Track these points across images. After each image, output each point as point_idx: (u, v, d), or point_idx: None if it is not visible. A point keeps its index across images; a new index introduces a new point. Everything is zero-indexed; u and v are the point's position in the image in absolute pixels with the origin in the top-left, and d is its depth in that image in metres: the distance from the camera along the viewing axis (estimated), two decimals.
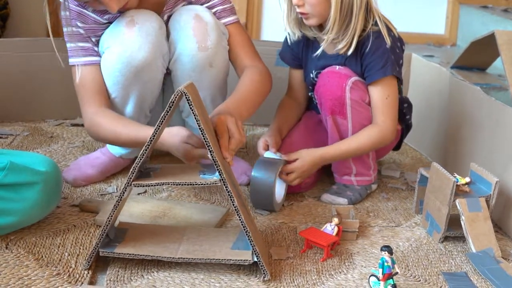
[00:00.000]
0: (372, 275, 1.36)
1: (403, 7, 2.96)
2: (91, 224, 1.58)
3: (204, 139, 1.32)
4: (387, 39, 1.71)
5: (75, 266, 1.39)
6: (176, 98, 1.30)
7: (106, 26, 1.74)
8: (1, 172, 1.41)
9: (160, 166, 1.45)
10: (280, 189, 1.74)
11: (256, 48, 1.85)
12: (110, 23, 1.74)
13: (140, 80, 1.72)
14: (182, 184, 1.36)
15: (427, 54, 2.59)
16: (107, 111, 1.70)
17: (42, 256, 1.42)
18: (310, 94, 1.92)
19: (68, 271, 1.36)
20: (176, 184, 1.37)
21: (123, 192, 1.35)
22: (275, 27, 2.12)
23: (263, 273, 1.37)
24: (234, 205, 1.35)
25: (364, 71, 1.76)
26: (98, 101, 1.72)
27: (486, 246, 1.52)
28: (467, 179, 1.63)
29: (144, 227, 1.50)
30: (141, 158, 1.33)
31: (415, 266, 1.48)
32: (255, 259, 1.37)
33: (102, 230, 1.36)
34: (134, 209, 1.63)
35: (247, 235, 1.36)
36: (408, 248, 1.56)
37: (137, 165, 1.33)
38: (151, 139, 1.32)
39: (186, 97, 1.29)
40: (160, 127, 1.31)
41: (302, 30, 1.81)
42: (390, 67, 1.73)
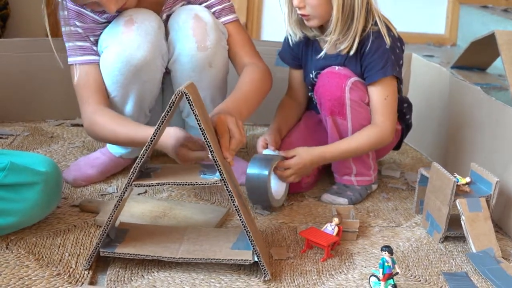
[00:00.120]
0: (373, 275, 1.36)
1: (403, 7, 2.96)
2: (91, 224, 1.58)
3: (205, 139, 1.31)
4: (387, 39, 1.71)
5: (75, 266, 1.39)
6: (176, 98, 1.30)
7: (105, 25, 1.74)
8: (1, 172, 1.41)
9: (160, 166, 1.45)
10: (279, 185, 1.73)
11: (256, 48, 1.85)
12: (109, 22, 1.74)
13: (139, 79, 1.72)
14: (183, 184, 1.36)
15: (427, 54, 2.59)
16: (106, 110, 1.70)
17: (42, 256, 1.42)
18: (310, 94, 1.92)
19: (69, 271, 1.36)
20: (177, 184, 1.36)
21: (124, 192, 1.35)
22: (275, 27, 2.12)
23: (264, 273, 1.37)
24: (234, 205, 1.35)
25: (364, 71, 1.76)
26: (97, 99, 1.71)
27: (486, 246, 1.52)
28: (468, 179, 1.63)
29: (145, 227, 1.50)
30: (141, 158, 1.33)
31: (415, 266, 1.48)
32: (255, 259, 1.37)
33: (103, 230, 1.36)
34: (134, 209, 1.63)
35: (248, 235, 1.36)
36: (409, 248, 1.56)
37: (137, 165, 1.33)
38: (152, 139, 1.32)
39: (187, 97, 1.29)
40: (160, 127, 1.31)
41: (303, 31, 1.80)
42: (390, 68, 1.73)
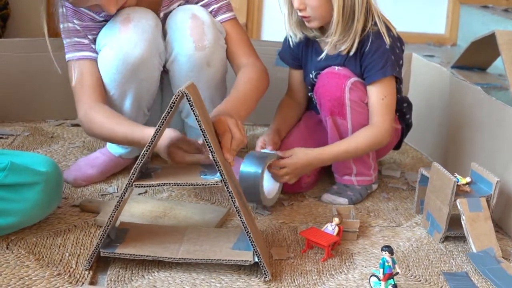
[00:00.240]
0: (373, 275, 1.36)
1: (403, 7, 2.96)
2: (91, 224, 1.58)
3: (205, 140, 1.31)
4: (386, 39, 1.71)
5: (75, 266, 1.39)
6: (177, 98, 1.30)
7: (103, 24, 1.74)
8: (1, 172, 1.41)
9: (160, 166, 1.45)
10: (272, 185, 1.72)
11: (256, 48, 1.84)
12: (107, 21, 1.73)
13: (137, 77, 1.71)
14: (183, 185, 1.36)
15: (427, 54, 2.59)
16: (103, 107, 1.68)
17: (42, 257, 1.42)
18: (310, 94, 1.92)
19: (69, 271, 1.37)
20: (177, 185, 1.36)
21: (124, 192, 1.35)
22: (275, 27, 2.12)
23: (264, 273, 1.36)
24: (235, 205, 1.35)
25: (364, 71, 1.76)
26: (94, 96, 1.69)
27: (486, 246, 1.52)
28: (468, 179, 1.63)
29: (145, 228, 1.50)
30: (142, 159, 1.33)
31: (415, 266, 1.48)
32: (256, 260, 1.37)
33: (103, 231, 1.36)
34: (134, 209, 1.63)
35: (248, 236, 1.36)
36: (409, 248, 1.56)
37: (138, 165, 1.33)
38: (152, 139, 1.32)
39: (187, 97, 1.29)
40: (161, 127, 1.31)
41: (303, 32, 1.81)
42: (390, 68, 1.73)
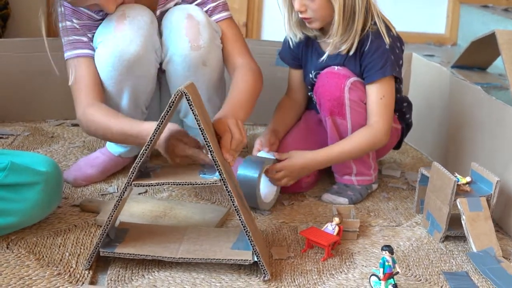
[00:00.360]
0: (373, 274, 1.36)
1: (403, 7, 2.96)
2: (92, 224, 1.58)
3: (204, 139, 1.31)
4: (386, 39, 1.71)
5: (76, 266, 1.39)
6: (176, 98, 1.30)
7: (100, 22, 1.74)
8: (2, 172, 1.41)
9: (160, 166, 1.45)
10: (269, 189, 1.72)
11: (257, 47, 1.84)
12: (104, 19, 1.74)
13: (133, 74, 1.71)
14: (183, 184, 1.36)
15: (427, 53, 2.59)
16: (101, 105, 1.68)
17: (43, 256, 1.42)
18: (309, 94, 1.92)
19: (69, 271, 1.37)
20: (177, 184, 1.36)
21: (123, 192, 1.35)
22: (276, 27, 2.12)
23: (263, 272, 1.36)
24: (234, 205, 1.35)
25: (363, 71, 1.76)
26: (92, 94, 1.69)
27: (487, 246, 1.52)
28: (468, 179, 1.63)
29: (145, 227, 1.50)
30: (141, 158, 1.33)
31: (416, 265, 1.48)
32: (255, 259, 1.37)
33: (103, 230, 1.36)
34: (134, 209, 1.63)
35: (247, 235, 1.36)
36: (409, 248, 1.56)
37: (137, 164, 1.33)
38: (152, 138, 1.32)
39: (186, 97, 1.29)
40: (160, 126, 1.31)
41: (304, 32, 1.81)
42: (390, 67, 1.72)
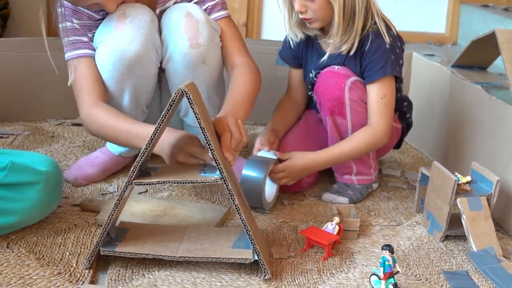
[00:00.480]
0: (373, 274, 1.36)
1: (403, 6, 2.96)
2: (92, 223, 1.58)
3: (205, 138, 1.31)
4: (386, 38, 1.71)
5: (76, 265, 1.39)
6: (177, 97, 1.30)
7: (100, 22, 1.73)
8: (2, 172, 1.41)
9: (160, 165, 1.45)
10: (271, 189, 1.73)
11: (257, 47, 1.84)
12: (104, 19, 1.73)
13: (134, 73, 1.71)
14: (183, 183, 1.36)
15: (427, 53, 2.59)
16: (104, 105, 1.68)
17: (43, 256, 1.42)
18: (310, 93, 1.92)
19: (69, 270, 1.37)
20: (177, 183, 1.36)
21: (124, 191, 1.35)
22: (276, 26, 2.12)
23: (264, 271, 1.36)
24: (235, 203, 1.35)
25: (364, 71, 1.75)
26: (94, 94, 1.69)
27: (487, 245, 1.52)
28: (468, 178, 1.63)
29: (145, 227, 1.50)
30: (141, 157, 1.32)
31: (416, 265, 1.48)
32: (255, 258, 1.37)
33: (103, 229, 1.36)
34: (135, 208, 1.63)
35: (248, 234, 1.36)
36: (409, 247, 1.56)
37: (137, 163, 1.33)
38: (152, 138, 1.32)
39: (187, 96, 1.29)
40: (161, 126, 1.31)
41: (304, 31, 1.81)
42: (390, 67, 1.72)
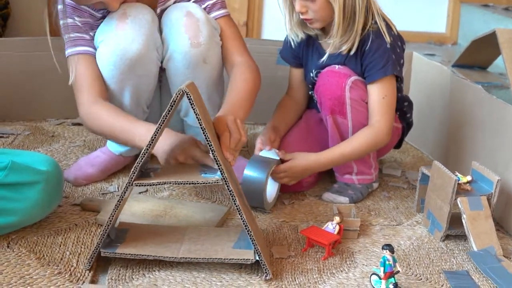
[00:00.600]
0: (374, 273, 1.36)
1: (404, 6, 2.95)
2: (92, 223, 1.58)
3: (206, 138, 1.31)
4: (387, 38, 1.71)
5: (76, 265, 1.39)
6: (177, 97, 1.30)
7: (101, 21, 1.73)
8: (2, 171, 1.41)
9: (160, 166, 1.45)
10: (272, 189, 1.73)
11: (257, 47, 1.84)
12: (105, 18, 1.73)
13: (135, 73, 1.71)
14: (184, 184, 1.36)
15: (428, 52, 2.59)
16: (106, 103, 1.67)
17: (43, 255, 1.42)
18: (310, 93, 1.92)
19: (70, 270, 1.37)
20: (178, 184, 1.36)
21: (124, 192, 1.35)
22: (276, 26, 2.12)
23: (265, 272, 1.36)
24: (235, 204, 1.35)
25: (364, 70, 1.75)
26: (94, 91, 1.68)
27: (487, 245, 1.52)
28: (469, 178, 1.63)
29: (145, 227, 1.50)
30: (142, 158, 1.32)
31: (416, 264, 1.48)
32: (257, 258, 1.37)
33: (103, 231, 1.36)
34: (135, 208, 1.63)
35: (249, 234, 1.35)
36: (410, 247, 1.56)
37: (138, 164, 1.33)
38: (153, 138, 1.32)
39: (188, 96, 1.29)
40: (161, 126, 1.31)
41: (305, 31, 1.81)
42: (391, 67, 1.72)
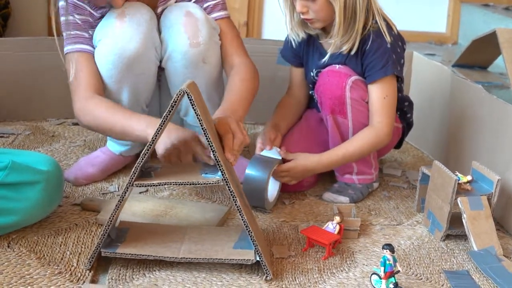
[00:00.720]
0: (374, 273, 1.36)
1: (404, 6, 2.95)
2: (92, 223, 1.58)
3: (207, 138, 1.31)
4: (387, 37, 1.71)
5: (76, 264, 1.39)
6: (178, 97, 1.30)
7: (100, 20, 1.73)
8: (3, 171, 1.41)
9: (160, 165, 1.44)
10: (273, 189, 1.73)
11: (257, 46, 1.84)
12: (103, 17, 1.73)
13: (133, 72, 1.71)
14: (185, 184, 1.36)
15: (428, 52, 2.59)
16: (102, 98, 1.67)
17: (44, 255, 1.42)
18: (311, 92, 1.92)
19: (70, 270, 1.37)
20: (179, 184, 1.36)
21: (125, 192, 1.35)
22: (276, 26, 2.12)
23: (266, 272, 1.36)
24: (236, 204, 1.35)
25: (365, 70, 1.76)
26: (91, 88, 1.68)
27: (487, 245, 1.52)
28: (469, 177, 1.63)
29: (145, 227, 1.50)
30: (143, 158, 1.32)
31: (416, 264, 1.48)
32: (257, 258, 1.36)
33: (104, 231, 1.36)
34: (135, 207, 1.63)
35: (250, 235, 1.35)
36: (410, 247, 1.56)
37: (139, 164, 1.33)
38: (153, 138, 1.32)
39: (189, 96, 1.29)
40: (162, 126, 1.31)
41: (306, 31, 1.81)
42: (391, 67, 1.72)
